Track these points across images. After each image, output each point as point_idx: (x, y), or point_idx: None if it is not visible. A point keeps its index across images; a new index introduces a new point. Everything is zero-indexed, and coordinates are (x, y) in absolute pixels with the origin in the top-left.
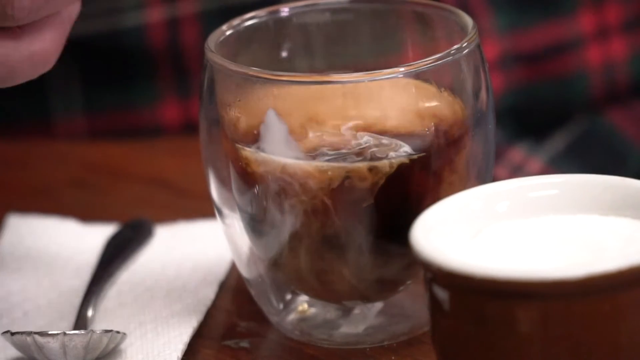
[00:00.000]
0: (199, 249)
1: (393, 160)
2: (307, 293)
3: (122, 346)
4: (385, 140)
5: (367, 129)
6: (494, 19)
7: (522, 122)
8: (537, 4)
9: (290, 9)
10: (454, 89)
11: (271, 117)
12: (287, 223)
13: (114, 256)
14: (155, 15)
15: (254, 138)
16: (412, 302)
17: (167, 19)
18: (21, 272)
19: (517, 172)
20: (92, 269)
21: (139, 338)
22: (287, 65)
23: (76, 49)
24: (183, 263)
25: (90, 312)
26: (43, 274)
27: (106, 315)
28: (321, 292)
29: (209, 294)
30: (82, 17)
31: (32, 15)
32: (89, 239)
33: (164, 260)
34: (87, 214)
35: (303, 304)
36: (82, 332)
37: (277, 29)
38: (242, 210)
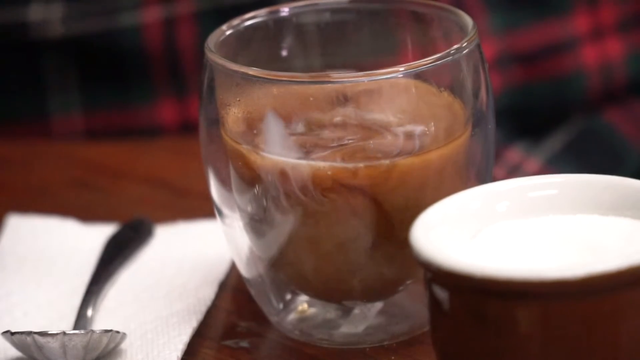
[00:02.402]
0: (199, 249)
1: (392, 160)
2: (306, 293)
3: (122, 346)
4: (384, 140)
5: (366, 129)
6: (490, 19)
7: (520, 122)
8: (532, 4)
9: (290, 9)
10: (454, 89)
11: (271, 117)
12: (286, 223)
13: (114, 256)
14: (151, 15)
15: (253, 138)
16: (412, 302)
17: (164, 19)
18: (21, 272)
19: (514, 172)
20: (92, 269)
21: (139, 338)
22: (286, 65)
23: (73, 48)
24: (183, 263)
25: (90, 312)
26: (43, 274)
27: (106, 315)
28: (321, 291)
29: (209, 294)
30: (79, 17)
31: None
32: (89, 239)
33: (164, 261)
34: (87, 214)
35: (303, 304)
36: (82, 332)
37: (276, 29)
38: (242, 210)
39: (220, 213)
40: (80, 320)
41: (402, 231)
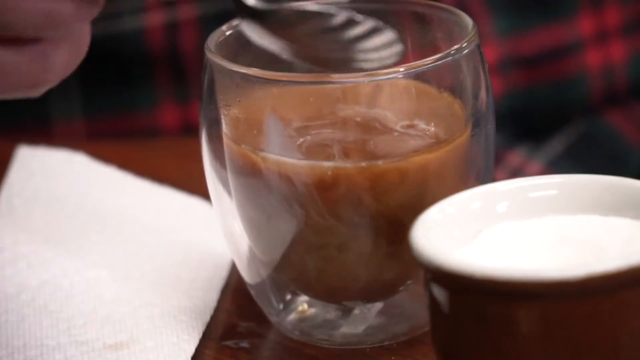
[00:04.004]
0: (200, 250)
1: (393, 160)
2: (307, 293)
3: (123, 353)
4: (385, 140)
5: (366, 129)
6: (494, 22)
7: (521, 125)
8: (536, 8)
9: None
10: (454, 89)
11: (271, 117)
12: (287, 224)
13: None
14: (154, 19)
15: (254, 138)
16: (412, 302)
17: (166, 23)
18: (30, 217)
19: (516, 175)
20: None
21: (141, 341)
22: (286, 66)
23: None
24: (184, 265)
25: None
26: (51, 223)
27: (108, 320)
28: (321, 292)
29: (212, 297)
30: None
31: (33, 30)
32: (98, 179)
33: (164, 262)
34: None
35: (303, 304)
36: None
37: None
38: (242, 212)
39: (220, 214)
40: None
41: (402, 231)
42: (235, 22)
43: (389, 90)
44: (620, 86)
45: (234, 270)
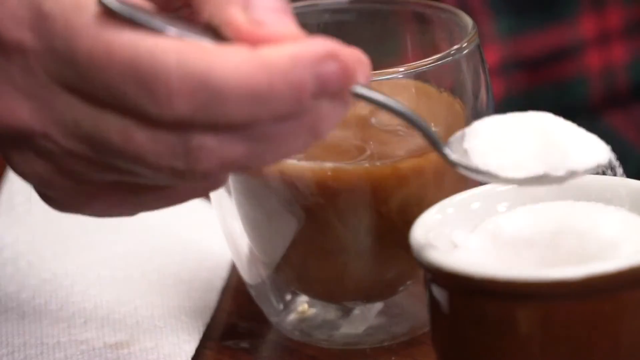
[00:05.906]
0: (200, 250)
1: (393, 161)
2: (307, 293)
3: (123, 352)
4: (385, 140)
5: (367, 130)
6: (495, 24)
7: None
8: (538, 10)
9: (291, 9)
10: (454, 90)
11: None
12: (287, 224)
13: None
14: None
15: None
16: (412, 302)
17: None
18: (30, 214)
19: None
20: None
21: (141, 341)
22: None
23: None
24: (184, 265)
25: None
26: (52, 222)
27: (108, 320)
28: (321, 292)
29: (212, 297)
30: None
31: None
32: None
33: (164, 262)
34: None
35: (303, 304)
36: None
37: None
38: (242, 211)
39: (221, 214)
40: None
41: (403, 232)
42: None
43: (389, 90)
44: (621, 88)
45: (233, 271)
